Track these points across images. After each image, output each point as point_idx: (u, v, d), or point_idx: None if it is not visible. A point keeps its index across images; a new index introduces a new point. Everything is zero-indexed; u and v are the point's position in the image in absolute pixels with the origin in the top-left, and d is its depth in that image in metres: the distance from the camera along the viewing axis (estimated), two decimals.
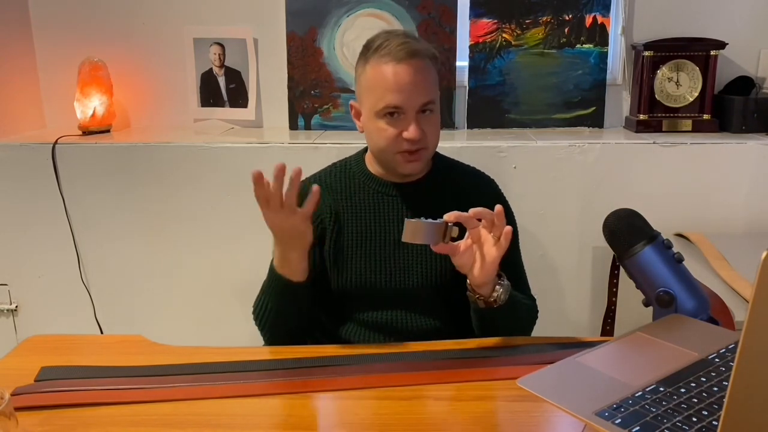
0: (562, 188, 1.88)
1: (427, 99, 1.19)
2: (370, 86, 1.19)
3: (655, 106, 2.00)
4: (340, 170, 1.32)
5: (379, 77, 1.17)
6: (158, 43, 2.13)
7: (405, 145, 1.19)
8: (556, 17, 2.03)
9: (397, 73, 1.16)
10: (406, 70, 1.16)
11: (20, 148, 1.92)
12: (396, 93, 1.16)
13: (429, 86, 1.20)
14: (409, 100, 1.17)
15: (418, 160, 1.22)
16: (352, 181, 1.30)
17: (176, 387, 0.97)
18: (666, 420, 0.69)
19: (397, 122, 1.18)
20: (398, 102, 1.17)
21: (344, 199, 1.28)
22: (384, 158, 1.24)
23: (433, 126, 1.22)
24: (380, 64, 1.17)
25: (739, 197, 1.87)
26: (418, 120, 1.18)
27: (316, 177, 1.33)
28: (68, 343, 1.16)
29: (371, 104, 1.20)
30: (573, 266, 1.93)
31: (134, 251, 1.97)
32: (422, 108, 1.19)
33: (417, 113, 1.18)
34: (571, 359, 0.84)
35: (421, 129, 1.18)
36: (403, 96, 1.16)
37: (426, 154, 1.23)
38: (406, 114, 1.18)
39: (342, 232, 1.26)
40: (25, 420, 0.87)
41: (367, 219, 1.27)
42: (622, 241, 1.05)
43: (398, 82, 1.16)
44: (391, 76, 1.16)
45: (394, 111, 1.18)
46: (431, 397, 0.95)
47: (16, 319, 2.05)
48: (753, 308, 0.54)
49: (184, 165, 1.90)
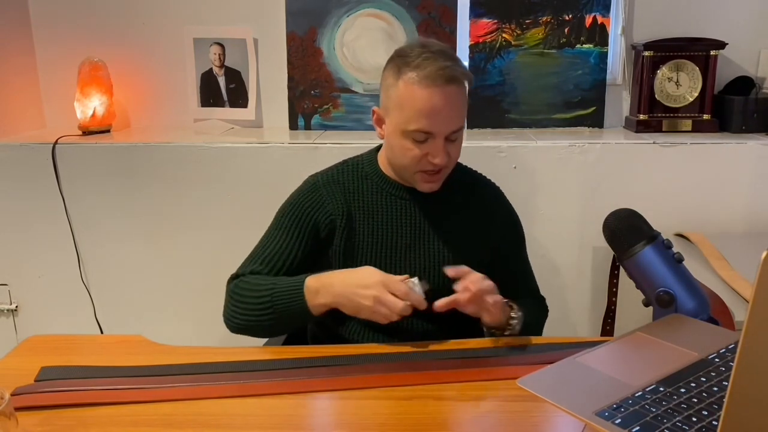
0: (562, 188, 1.88)
1: (458, 126, 1.17)
2: (401, 103, 1.15)
3: (655, 106, 2.00)
4: (352, 169, 1.30)
5: (413, 98, 1.13)
6: (158, 43, 2.13)
7: (428, 167, 1.18)
8: (556, 17, 2.03)
9: (433, 98, 1.12)
10: (442, 96, 1.12)
11: (20, 148, 1.92)
12: (429, 119, 1.13)
13: (462, 112, 1.18)
14: (441, 126, 1.14)
15: (438, 181, 1.22)
16: (365, 181, 1.28)
17: (176, 387, 0.97)
18: (666, 420, 0.69)
19: (423, 145, 1.16)
20: (430, 128, 1.14)
21: (357, 199, 1.27)
22: (404, 173, 1.23)
23: (457, 150, 1.21)
24: (415, 83, 1.13)
25: (739, 197, 1.87)
26: (446, 145, 1.17)
27: (328, 174, 1.31)
28: (68, 343, 1.16)
29: (400, 122, 1.16)
30: (573, 266, 1.93)
31: (134, 251, 1.97)
32: (451, 134, 1.17)
33: (446, 138, 1.17)
34: (571, 359, 0.84)
35: (447, 154, 1.17)
36: (436, 123, 1.14)
37: (446, 173, 1.23)
38: (435, 139, 1.16)
39: (353, 231, 1.25)
40: (25, 420, 0.87)
41: (380, 221, 1.26)
42: (622, 241, 1.05)
43: (433, 108, 1.12)
44: (426, 101, 1.12)
45: (424, 135, 1.16)
46: (431, 397, 0.95)
47: (16, 319, 2.05)
48: (753, 308, 0.54)
49: (184, 165, 1.90)
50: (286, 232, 1.25)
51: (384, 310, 1.08)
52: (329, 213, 1.25)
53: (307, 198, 1.27)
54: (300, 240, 1.24)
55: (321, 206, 1.25)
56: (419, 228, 1.25)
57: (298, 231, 1.25)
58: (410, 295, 1.08)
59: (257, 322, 1.18)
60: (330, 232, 1.25)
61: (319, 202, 1.26)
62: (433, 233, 1.26)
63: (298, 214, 1.26)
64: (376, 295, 1.08)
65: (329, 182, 1.28)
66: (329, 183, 1.28)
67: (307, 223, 1.25)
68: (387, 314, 1.08)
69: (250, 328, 1.20)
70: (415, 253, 1.25)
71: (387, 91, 1.19)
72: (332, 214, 1.25)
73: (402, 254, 1.25)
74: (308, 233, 1.25)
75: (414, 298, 1.08)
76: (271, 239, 1.26)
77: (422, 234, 1.25)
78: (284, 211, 1.28)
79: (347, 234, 1.25)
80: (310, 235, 1.25)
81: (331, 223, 1.25)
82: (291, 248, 1.24)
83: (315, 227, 1.25)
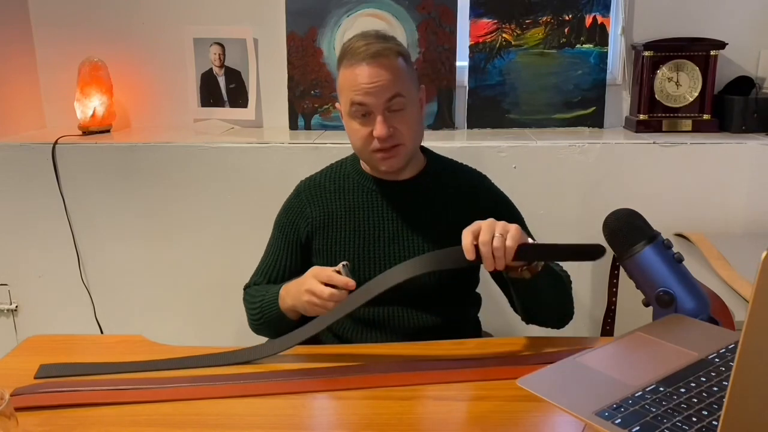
0: (562, 188, 1.88)
1: (390, 94, 1.19)
2: (341, 88, 1.24)
3: (655, 106, 2.00)
4: (335, 171, 1.35)
5: (346, 79, 1.21)
6: (158, 43, 2.13)
7: (376, 143, 1.21)
8: (556, 17, 2.03)
9: (360, 73, 1.19)
10: (367, 70, 1.19)
11: (20, 148, 1.92)
12: (357, 91, 1.19)
13: (393, 82, 1.20)
14: (371, 96, 1.19)
15: (394, 157, 1.23)
16: (347, 180, 1.32)
17: (176, 387, 0.97)
18: (666, 420, 0.69)
19: (367, 121, 1.21)
20: (361, 100, 1.19)
21: (337, 198, 1.30)
22: (363, 158, 1.28)
23: (405, 122, 1.22)
24: (347, 66, 1.21)
25: (739, 197, 1.87)
26: (386, 117, 1.20)
27: (312, 179, 1.36)
28: (68, 343, 1.16)
29: (343, 106, 1.24)
30: (573, 266, 1.92)
31: (134, 251, 1.97)
32: (389, 104, 1.20)
33: (383, 111, 1.20)
34: (571, 359, 0.84)
35: (388, 126, 1.20)
36: (364, 94, 1.19)
37: (404, 150, 1.23)
38: (374, 113, 1.20)
39: (334, 230, 1.28)
40: (25, 420, 0.87)
41: (361, 216, 1.28)
42: (622, 241, 1.05)
43: (360, 80, 1.19)
44: (354, 78, 1.20)
45: (363, 110, 1.20)
46: (431, 397, 0.95)
47: (16, 319, 2.05)
48: (753, 308, 0.54)
49: (184, 165, 1.90)
50: (276, 243, 1.35)
51: (315, 299, 1.10)
52: (307, 217, 1.31)
53: (291, 206, 1.34)
54: (287, 249, 1.32)
55: (300, 212, 1.31)
56: (401, 220, 1.27)
57: (284, 240, 1.33)
58: (333, 278, 1.08)
59: (260, 326, 1.28)
60: (310, 234, 1.30)
61: (299, 209, 1.32)
62: (415, 224, 1.27)
63: (283, 223, 1.34)
64: (309, 287, 1.10)
65: (310, 187, 1.34)
66: (310, 188, 1.34)
67: (291, 231, 1.32)
68: (320, 303, 1.09)
69: (260, 331, 1.30)
70: (399, 245, 1.26)
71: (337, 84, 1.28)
72: (310, 217, 1.30)
73: (385, 248, 1.26)
74: (294, 241, 1.32)
75: (338, 280, 1.08)
76: (267, 251, 1.37)
77: (405, 226, 1.27)
78: (276, 220, 1.36)
79: (326, 233, 1.29)
80: (296, 242, 1.32)
81: (309, 226, 1.30)
82: (280, 258, 1.33)
83: (297, 233, 1.31)
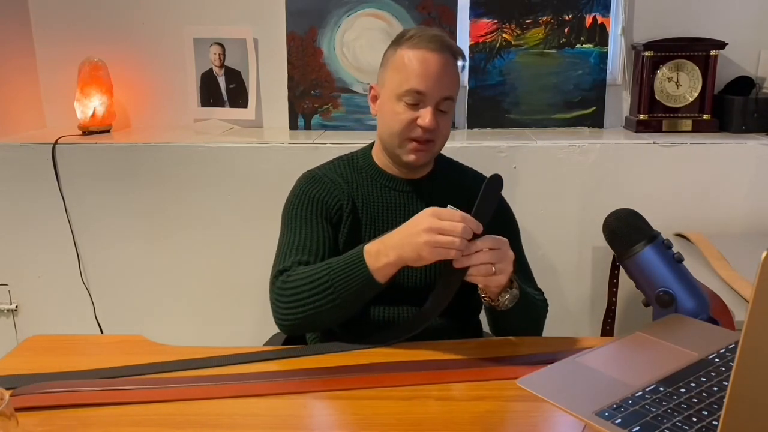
0: (562, 188, 1.88)
1: (448, 93, 1.21)
2: (397, 67, 1.21)
3: (655, 106, 2.00)
4: (347, 163, 1.32)
5: (409, 61, 1.19)
6: (158, 43, 2.13)
7: (417, 132, 1.20)
8: (556, 17, 2.03)
9: (427, 60, 1.18)
10: (436, 59, 1.18)
11: (20, 148, 1.92)
12: (422, 79, 1.18)
13: (453, 82, 1.22)
14: (432, 88, 1.18)
15: (425, 151, 1.23)
16: (360, 174, 1.30)
17: (176, 387, 0.97)
18: (666, 420, 0.69)
19: (414, 109, 1.20)
20: (422, 88, 1.18)
21: (356, 189, 1.28)
22: (392, 143, 1.24)
23: (445, 124, 1.24)
24: (412, 48, 1.20)
25: (739, 197, 1.87)
26: (436, 114, 1.20)
27: (324, 168, 1.32)
28: (68, 343, 1.16)
29: (394, 85, 1.21)
30: (573, 266, 1.93)
31: (134, 251, 1.97)
32: (442, 101, 1.20)
33: (436, 105, 1.20)
34: (571, 359, 0.84)
35: (436, 120, 1.20)
36: (427, 83, 1.18)
37: (433, 147, 1.24)
38: (426, 103, 1.20)
39: (356, 222, 1.26)
40: (25, 420, 0.87)
41: (377, 212, 1.27)
42: (622, 241, 1.05)
43: (427, 68, 1.18)
44: (420, 62, 1.18)
45: (418, 99, 1.19)
46: (431, 397, 0.95)
47: (16, 319, 2.05)
48: (753, 308, 0.54)
49: (184, 165, 1.90)
50: (307, 221, 1.24)
51: (440, 237, 1.00)
52: (337, 198, 1.26)
53: (313, 187, 1.27)
54: (322, 224, 1.23)
55: (328, 192, 1.26)
56: None
57: (316, 217, 1.24)
58: (455, 215, 1.00)
59: (316, 309, 1.10)
60: (338, 218, 1.26)
61: (326, 189, 1.26)
62: None
63: (308, 203, 1.25)
64: (429, 226, 1.01)
65: (329, 173, 1.30)
66: (329, 174, 1.30)
67: (321, 208, 1.25)
68: (446, 242, 1.00)
69: (308, 319, 1.12)
70: None
71: (385, 65, 1.26)
72: (340, 199, 1.26)
73: None
74: (325, 218, 1.24)
75: (470, 220, 1.00)
76: (296, 232, 1.23)
77: None
78: (292, 205, 1.27)
79: (351, 223, 1.26)
80: (327, 219, 1.25)
81: (339, 210, 1.26)
82: (320, 233, 1.22)
83: (327, 212, 1.25)
